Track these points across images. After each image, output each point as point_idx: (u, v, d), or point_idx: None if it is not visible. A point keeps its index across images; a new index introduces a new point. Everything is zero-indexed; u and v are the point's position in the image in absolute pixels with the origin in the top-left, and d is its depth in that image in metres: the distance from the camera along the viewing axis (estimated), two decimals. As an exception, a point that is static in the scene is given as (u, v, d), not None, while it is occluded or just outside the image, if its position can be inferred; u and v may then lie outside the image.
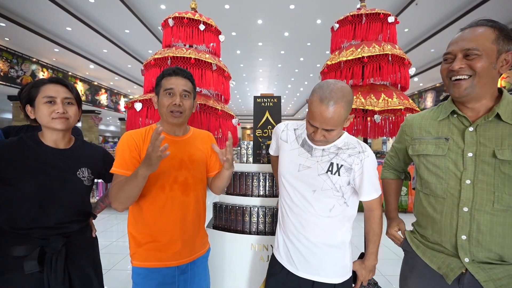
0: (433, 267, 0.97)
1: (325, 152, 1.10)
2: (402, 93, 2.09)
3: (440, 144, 0.95)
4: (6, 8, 5.79)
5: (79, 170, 1.15)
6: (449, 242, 0.92)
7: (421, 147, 1.01)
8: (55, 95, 1.07)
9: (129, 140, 1.11)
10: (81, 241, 1.15)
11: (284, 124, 1.27)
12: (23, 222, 1.02)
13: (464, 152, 0.90)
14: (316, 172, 1.09)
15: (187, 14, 2.01)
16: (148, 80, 1.97)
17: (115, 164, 1.09)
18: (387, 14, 2.08)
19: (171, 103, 1.14)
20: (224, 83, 2.08)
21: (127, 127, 1.96)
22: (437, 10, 6.10)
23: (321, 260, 1.10)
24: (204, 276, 1.30)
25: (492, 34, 0.84)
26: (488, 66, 0.84)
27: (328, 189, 1.07)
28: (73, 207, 1.12)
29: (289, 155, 1.17)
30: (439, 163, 0.94)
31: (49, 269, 1.01)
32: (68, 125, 1.11)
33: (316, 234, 1.10)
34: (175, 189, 1.15)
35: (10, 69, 7.27)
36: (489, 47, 0.84)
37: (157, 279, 1.13)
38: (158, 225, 1.14)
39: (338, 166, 1.07)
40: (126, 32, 7.39)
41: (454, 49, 0.89)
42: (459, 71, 0.87)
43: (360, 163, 1.07)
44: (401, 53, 1.99)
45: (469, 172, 0.89)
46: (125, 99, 13.35)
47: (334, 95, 0.96)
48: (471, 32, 0.88)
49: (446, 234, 0.93)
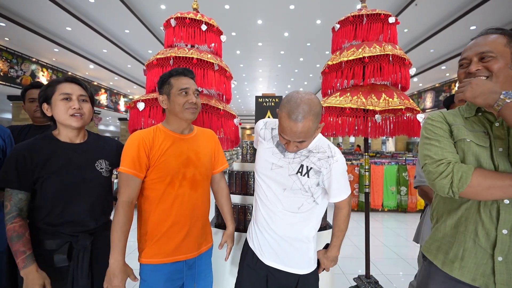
0: (466, 280, 0.89)
1: (296, 154, 1.16)
2: (402, 93, 2.11)
3: (480, 136, 0.92)
4: (6, 8, 5.78)
5: (97, 162, 1.20)
6: (486, 236, 0.86)
7: (461, 132, 0.94)
8: (71, 92, 1.13)
9: (138, 140, 1.15)
10: (105, 237, 1.19)
11: (263, 122, 1.31)
12: (52, 218, 1.08)
13: (495, 147, 0.88)
14: (287, 172, 1.15)
15: (189, 14, 2.02)
16: (151, 80, 1.98)
17: (123, 163, 1.12)
18: (387, 15, 2.09)
19: (187, 101, 1.20)
20: (225, 83, 2.09)
21: (129, 127, 1.97)
22: (437, 11, 6.13)
23: (287, 252, 1.17)
24: (208, 272, 1.35)
25: (504, 39, 0.91)
26: (504, 66, 0.89)
27: (297, 189, 1.13)
28: (96, 199, 1.17)
29: (264, 153, 1.23)
30: (482, 153, 0.89)
31: (76, 264, 1.07)
32: (83, 122, 1.16)
33: (283, 229, 1.17)
34: (184, 185, 1.20)
35: (10, 69, 7.26)
36: (503, 49, 0.90)
37: (165, 275, 1.16)
38: (168, 220, 1.17)
39: (307, 168, 1.13)
40: (126, 32, 7.39)
41: (469, 54, 0.94)
42: (477, 72, 0.91)
43: (329, 167, 1.11)
44: (401, 54, 2.01)
45: (502, 166, 0.86)
46: (125, 99, 13.34)
47: (301, 110, 0.98)
48: (483, 38, 0.93)
49: (485, 226, 0.87)
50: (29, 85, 1.81)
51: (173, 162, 1.17)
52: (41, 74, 8.24)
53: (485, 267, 0.86)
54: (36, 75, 8.04)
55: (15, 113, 8.43)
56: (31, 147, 1.08)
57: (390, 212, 5.60)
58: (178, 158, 1.19)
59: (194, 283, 1.25)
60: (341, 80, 2.13)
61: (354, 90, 2.06)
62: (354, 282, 2.39)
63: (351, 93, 2.03)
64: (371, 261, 3.06)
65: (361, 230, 4.37)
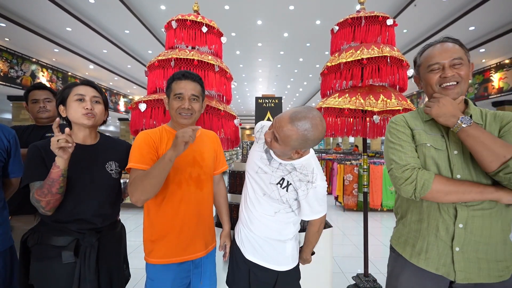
0: (431, 270, 1.02)
1: (281, 166, 1.16)
2: (400, 94, 2.14)
3: (437, 139, 1.03)
4: (6, 9, 5.80)
5: (107, 164, 1.23)
6: (446, 230, 0.99)
7: (422, 137, 1.05)
8: (84, 93, 1.18)
9: (146, 138, 1.18)
10: (111, 236, 1.24)
11: (261, 125, 1.31)
12: (61, 216, 1.11)
13: (451, 150, 1.00)
14: (269, 180, 1.18)
15: (190, 16, 2.04)
16: (152, 81, 2.00)
17: (132, 159, 1.15)
18: (385, 17, 2.12)
19: (180, 106, 1.21)
20: (226, 84, 2.11)
21: (131, 128, 1.99)
22: (436, 12, 6.16)
23: (265, 250, 1.23)
24: (213, 270, 1.38)
25: (461, 48, 1.02)
26: (469, 73, 1.01)
27: (275, 199, 1.17)
28: (105, 199, 1.20)
29: (254, 155, 1.27)
30: (439, 156, 1.01)
31: (83, 261, 1.09)
32: (95, 121, 1.20)
33: (260, 229, 1.22)
34: (191, 184, 1.23)
35: (10, 69, 7.27)
36: (465, 57, 1.01)
37: (173, 274, 1.19)
38: (176, 220, 1.20)
39: (287, 183, 1.15)
40: (126, 32, 7.41)
41: (441, 60, 1.01)
42: (451, 78, 0.99)
43: (306, 191, 1.13)
44: (399, 55, 2.03)
45: (458, 167, 0.98)
46: (125, 99, 13.35)
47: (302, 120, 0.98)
48: (452, 45, 1.02)
49: (444, 222, 0.99)
50: (32, 87, 1.84)
51: (179, 161, 1.20)
52: (41, 75, 8.25)
53: (446, 257, 1.00)
54: (36, 76, 8.04)
55: (15, 113, 8.44)
56: (46, 146, 1.12)
57: (389, 211, 5.63)
58: (185, 158, 1.22)
59: (200, 281, 1.28)
60: (340, 81, 2.16)
61: (353, 91, 2.09)
62: (353, 281, 2.42)
63: (349, 94, 2.06)
64: (370, 260, 3.09)
65: (360, 229, 4.40)
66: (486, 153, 0.89)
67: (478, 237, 0.96)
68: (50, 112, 1.84)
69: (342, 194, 5.73)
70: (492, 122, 1.00)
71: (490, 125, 1.00)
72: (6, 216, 1.35)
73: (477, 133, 0.90)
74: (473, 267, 0.97)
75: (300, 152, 1.07)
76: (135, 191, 1.07)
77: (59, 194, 1.06)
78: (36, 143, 1.14)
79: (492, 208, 0.95)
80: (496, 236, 0.96)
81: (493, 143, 0.89)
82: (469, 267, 0.97)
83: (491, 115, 1.02)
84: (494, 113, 1.02)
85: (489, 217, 0.96)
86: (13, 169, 1.36)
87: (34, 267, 1.11)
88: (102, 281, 1.15)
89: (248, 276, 1.25)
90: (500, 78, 7.75)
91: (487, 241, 0.96)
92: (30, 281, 1.12)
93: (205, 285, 1.31)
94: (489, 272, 0.97)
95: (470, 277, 0.97)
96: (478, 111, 1.04)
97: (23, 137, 1.72)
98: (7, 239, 1.32)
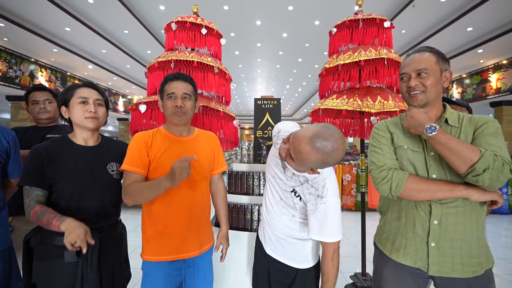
0: (409, 264, 1.09)
1: (294, 176, 1.14)
2: (397, 95, 2.16)
3: (415, 142, 1.11)
4: (5, 9, 5.79)
5: (109, 165, 1.25)
6: (421, 227, 1.07)
7: (400, 140, 1.13)
8: (88, 96, 1.20)
9: (138, 140, 1.21)
10: (113, 235, 1.26)
11: (278, 128, 1.28)
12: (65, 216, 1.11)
13: (428, 151, 1.07)
14: (284, 187, 1.20)
15: (190, 18, 2.06)
16: (152, 82, 2.02)
17: (126, 162, 1.19)
18: (383, 19, 2.14)
19: (173, 105, 1.24)
20: (225, 85, 2.13)
21: (131, 128, 2.01)
22: (434, 12, 6.19)
23: (284, 247, 1.24)
24: (208, 270, 1.38)
25: (434, 57, 1.08)
26: (435, 82, 1.07)
27: (291, 205, 1.18)
28: (106, 200, 1.22)
29: (271, 160, 1.29)
30: (416, 157, 1.09)
31: (85, 260, 1.11)
32: (97, 124, 1.23)
33: (280, 229, 1.24)
34: (183, 185, 1.24)
35: (9, 69, 7.26)
36: (434, 67, 1.07)
37: (165, 271, 1.22)
38: (166, 219, 1.22)
39: (298, 195, 1.15)
40: (125, 32, 7.41)
41: (408, 70, 1.10)
42: (415, 87, 1.08)
43: (315, 206, 1.08)
44: (396, 57, 2.06)
45: (433, 168, 1.05)
46: (124, 99, 13.34)
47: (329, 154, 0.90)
48: (419, 56, 1.09)
49: (420, 219, 1.07)
50: (32, 88, 1.85)
51: (171, 163, 1.18)
52: (40, 74, 8.24)
53: (422, 252, 1.07)
54: (35, 75, 8.04)
55: (14, 114, 8.43)
56: (49, 148, 1.14)
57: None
58: (176, 159, 1.20)
59: (193, 280, 1.30)
60: (338, 83, 2.18)
61: (351, 93, 2.11)
62: (351, 280, 2.45)
63: (347, 96, 2.09)
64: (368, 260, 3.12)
65: (359, 229, 4.43)
66: (454, 158, 0.95)
67: (453, 233, 1.02)
68: (50, 113, 1.85)
69: (340, 194, 5.75)
70: (467, 125, 1.06)
71: (465, 127, 1.06)
72: (5, 216, 1.36)
73: (444, 139, 0.97)
74: (447, 261, 1.03)
75: (316, 171, 1.02)
76: (126, 197, 1.15)
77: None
78: (39, 146, 1.16)
79: (466, 206, 1.01)
80: (470, 233, 1.02)
81: (460, 148, 0.94)
82: (443, 262, 1.04)
83: (467, 118, 1.08)
84: (470, 117, 1.08)
85: (463, 214, 1.01)
86: (12, 169, 1.37)
87: (37, 266, 1.12)
88: (103, 280, 1.17)
89: (268, 271, 1.29)
90: (498, 78, 7.79)
91: (461, 238, 1.02)
92: (33, 281, 1.14)
93: (199, 284, 1.32)
94: (463, 267, 1.02)
95: (443, 271, 1.04)
96: (456, 115, 1.10)
97: (23, 138, 1.74)
98: (6, 239, 1.33)
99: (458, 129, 1.07)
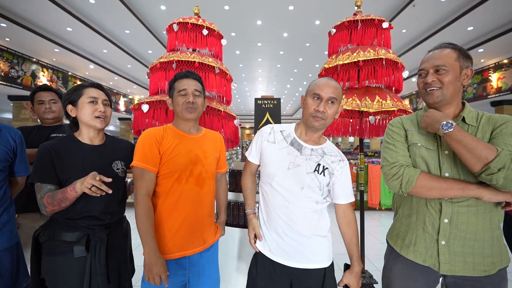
0: (419, 262, 1.10)
1: (313, 152, 1.21)
2: (396, 95, 2.19)
3: (430, 140, 1.10)
4: (7, 9, 5.83)
5: (114, 163, 1.28)
6: (432, 225, 1.07)
7: (414, 137, 1.12)
8: (97, 96, 1.24)
9: (150, 136, 1.22)
10: (119, 231, 1.30)
11: (269, 127, 1.32)
12: (72, 213, 1.16)
13: (442, 150, 1.06)
14: (305, 171, 1.17)
15: (191, 19, 2.09)
16: (154, 82, 2.05)
17: (136, 158, 1.19)
18: (381, 20, 2.17)
19: (185, 101, 1.27)
20: (226, 85, 2.16)
21: (133, 128, 2.05)
22: (434, 12, 6.20)
23: (311, 250, 1.19)
24: (214, 268, 1.39)
25: (454, 53, 1.06)
26: (453, 79, 1.05)
27: (315, 187, 1.17)
28: (112, 198, 1.24)
29: (278, 155, 1.22)
30: (429, 155, 1.08)
31: (93, 255, 1.15)
32: (105, 123, 1.26)
33: (305, 228, 1.18)
34: (190, 181, 1.26)
35: (11, 69, 7.31)
36: (454, 63, 1.05)
37: (169, 270, 1.20)
38: (173, 216, 1.23)
39: (323, 168, 1.18)
40: (126, 32, 7.44)
41: (426, 66, 1.09)
42: (432, 83, 1.07)
43: (341, 169, 1.20)
44: (394, 57, 2.09)
45: (446, 166, 1.04)
46: (125, 99, 13.38)
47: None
48: (439, 52, 1.08)
49: (431, 217, 1.07)
50: (38, 88, 1.89)
51: (182, 158, 1.24)
52: (42, 74, 8.28)
53: (432, 250, 1.07)
54: (36, 75, 8.08)
55: (16, 113, 8.47)
56: (56, 146, 1.17)
57: (387, 210, 5.68)
58: (187, 155, 1.26)
59: (198, 280, 1.29)
60: (337, 83, 2.21)
61: (349, 93, 2.14)
62: (350, 277, 2.48)
63: (346, 95, 2.12)
64: (367, 257, 3.15)
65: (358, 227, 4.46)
66: (469, 156, 0.93)
67: (464, 232, 1.02)
68: (55, 112, 1.89)
69: (340, 193, 5.77)
70: (486, 124, 1.04)
71: (483, 127, 1.04)
72: (13, 214, 1.40)
73: (460, 136, 0.95)
74: (458, 260, 1.03)
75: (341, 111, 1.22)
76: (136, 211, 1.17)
77: (66, 207, 1.13)
78: (46, 144, 1.19)
79: (479, 206, 1.00)
80: (483, 232, 1.01)
81: (475, 145, 0.92)
82: (454, 260, 1.03)
83: (486, 117, 1.06)
84: (489, 116, 1.06)
85: (475, 214, 1.00)
86: (19, 168, 1.41)
87: (46, 261, 1.16)
88: (111, 274, 1.20)
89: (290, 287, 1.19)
90: (498, 78, 7.80)
91: (473, 237, 1.01)
92: (42, 276, 1.17)
93: (204, 283, 1.31)
94: (474, 266, 1.02)
95: (454, 269, 1.03)
96: (474, 114, 1.08)
97: (29, 137, 1.77)
98: (13, 236, 1.37)
99: (475, 128, 1.05)
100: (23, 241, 1.50)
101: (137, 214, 1.14)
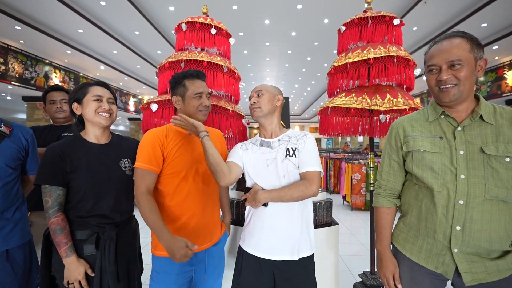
0: (430, 268, 1.05)
1: (280, 141, 1.30)
2: (407, 93, 2.14)
3: (435, 142, 1.02)
4: (21, 12, 5.99)
5: (121, 161, 1.29)
6: (443, 233, 1.00)
7: (417, 143, 1.05)
8: (102, 95, 1.25)
9: (153, 137, 1.22)
10: (128, 229, 1.30)
11: (239, 144, 1.40)
12: (82, 212, 1.17)
13: (457, 150, 0.98)
14: (281, 160, 1.24)
15: (199, 19, 2.09)
16: (163, 82, 2.06)
17: (139, 159, 1.19)
18: (392, 17, 2.12)
19: (201, 104, 1.29)
20: (234, 84, 2.16)
21: (142, 127, 2.07)
22: (446, 8, 6.06)
23: (299, 238, 1.23)
24: (219, 260, 1.41)
25: (467, 44, 0.95)
26: (470, 74, 0.95)
27: (292, 169, 1.22)
28: (121, 196, 1.25)
29: (254, 157, 1.30)
30: (436, 159, 1.01)
31: (103, 253, 1.16)
32: (110, 121, 1.27)
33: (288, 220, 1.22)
34: (197, 180, 1.27)
35: (25, 70, 7.51)
36: (468, 56, 0.94)
37: (177, 267, 1.22)
38: (182, 214, 1.24)
39: (293, 150, 1.25)
40: (135, 33, 7.55)
41: (438, 62, 0.97)
42: (447, 80, 0.96)
43: (304, 142, 1.26)
44: (406, 55, 2.04)
45: (462, 167, 0.97)
46: (134, 99, 13.58)
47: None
48: (449, 44, 0.96)
49: (441, 225, 1.00)
50: (50, 88, 1.93)
51: (187, 157, 1.25)
52: (54, 76, 8.49)
53: (444, 257, 1.01)
54: (49, 77, 8.28)
55: (29, 114, 8.71)
56: (63, 147, 1.18)
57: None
58: (192, 154, 1.27)
59: (204, 276, 1.31)
60: (347, 81, 2.17)
61: (359, 91, 2.10)
62: (360, 278, 2.44)
63: (356, 94, 2.08)
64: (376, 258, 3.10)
65: (368, 229, 4.39)
66: None
67: (477, 240, 0.95)
68: (66, 112, 1.92)
69: (350, 193, 5.71)
70: (504, 121, 0.95)
71: (501, 126, 0.95)
72: (25, 211, 1.43)
73: None
74: (479, 266, 0.96)
75: (280, 98, 1.34)
76: (138, 205, 1.16)
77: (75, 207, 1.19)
78: (53, 145, 1.19)
79: (493, 213, 0.94)
80: (499, 238, 0.94)
81: None
82: (475, 267, 0.96)
83: (500, 112, 0.97)
84: (503, 109, 0.98)
85: (489, 221, 0.94)
86: (31, 166, 1.43)
87: (56, 259, 1.17)
88: (120, 272, 1.21)
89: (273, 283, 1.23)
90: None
91: (488, 245, 0.95)
92: (52, 273, 1.19)
93: (210, 280, 1.33)
94: (498, 267, 0.95)
95: (478, 278, 0.95)
96: (491, 108, 0.99)
97: (41, 136, 1.81)
98: (26, 233, 1.40)
99: (493, 127, 0.96)
100: (35, 239, 1.53)
101: (141, 211, 1.14)
